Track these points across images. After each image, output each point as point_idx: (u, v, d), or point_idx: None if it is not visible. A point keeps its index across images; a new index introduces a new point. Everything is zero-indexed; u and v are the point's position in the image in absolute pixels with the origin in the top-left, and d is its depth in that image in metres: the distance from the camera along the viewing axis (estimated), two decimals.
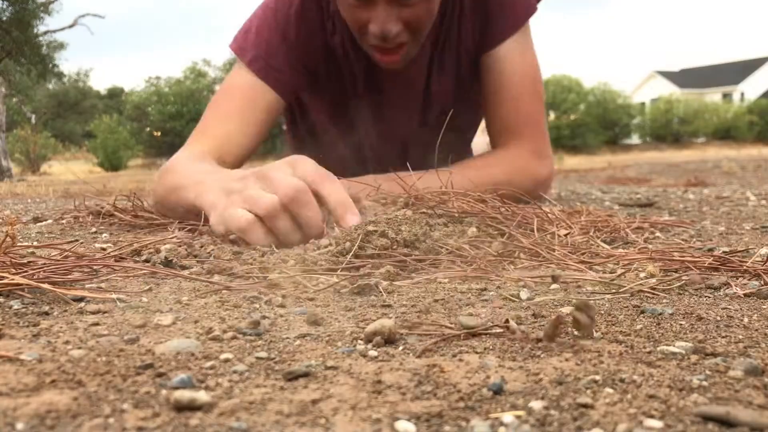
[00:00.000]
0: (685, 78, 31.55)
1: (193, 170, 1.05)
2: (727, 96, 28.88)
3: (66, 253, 0.73)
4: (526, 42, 1.38)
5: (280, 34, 1.29)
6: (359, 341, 0.45)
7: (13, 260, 0.63)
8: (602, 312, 0.52)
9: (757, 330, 0.47)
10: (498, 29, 1.35)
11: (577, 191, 2.46)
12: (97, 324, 0.48)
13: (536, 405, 0.33)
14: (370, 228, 0.75)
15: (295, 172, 0.83)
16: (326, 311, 0.54)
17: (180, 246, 0.81)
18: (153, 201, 1.18)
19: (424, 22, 1.22)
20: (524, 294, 0.58)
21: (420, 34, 1.25)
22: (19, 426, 0.30)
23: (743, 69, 30.70)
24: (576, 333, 0.44)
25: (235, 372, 0.38)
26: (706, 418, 0.31)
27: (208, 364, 0.39)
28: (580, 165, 6.99)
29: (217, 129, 1.24)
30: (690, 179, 3.38)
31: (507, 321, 0.47)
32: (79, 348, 0.42)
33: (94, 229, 1.08)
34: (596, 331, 0.46)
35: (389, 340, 0.44)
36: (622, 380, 0.36)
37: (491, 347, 0.43)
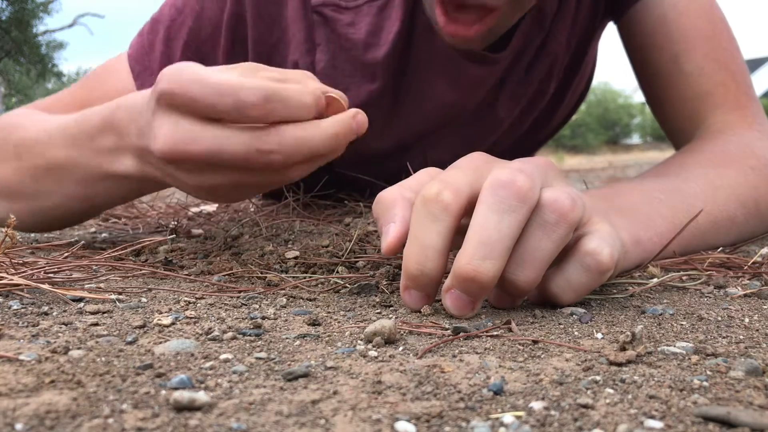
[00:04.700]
0: None
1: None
2: None
3: (65, 253, 0.73)
4: None
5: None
6: (359, 341, 0.44)
7: (12, 260, 0.62)
8: (603, 312, 0.52)
9: (757, 330, 0.47)
10: None
11: None
12: (96, 324, 0.48)
13: (536, 405, 0.33)
14: (370, 228, 0.75)
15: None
16: (326, 311, 0.54)
17: (179, 246, 0.81)
18: None
19: None
20: None
21: (522, 5, 0.75)
22: (19, 426, 0.29)
23: None
24: None
25: (234, 372, 0.38)
26: (707, 419, 0.31)
27: (208, 364, 0.39)
28: (580, 165, 7.00)
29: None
30: None
31: (509, 321, 0.47)
32: (79, 348, 0.42)
33: (93, 230, 1.08)
34: (597, 332, 0.46)
35: (389, 340, 0.44)
36: (622, 380, 0.36)
37: (492, 348, 0.43)
